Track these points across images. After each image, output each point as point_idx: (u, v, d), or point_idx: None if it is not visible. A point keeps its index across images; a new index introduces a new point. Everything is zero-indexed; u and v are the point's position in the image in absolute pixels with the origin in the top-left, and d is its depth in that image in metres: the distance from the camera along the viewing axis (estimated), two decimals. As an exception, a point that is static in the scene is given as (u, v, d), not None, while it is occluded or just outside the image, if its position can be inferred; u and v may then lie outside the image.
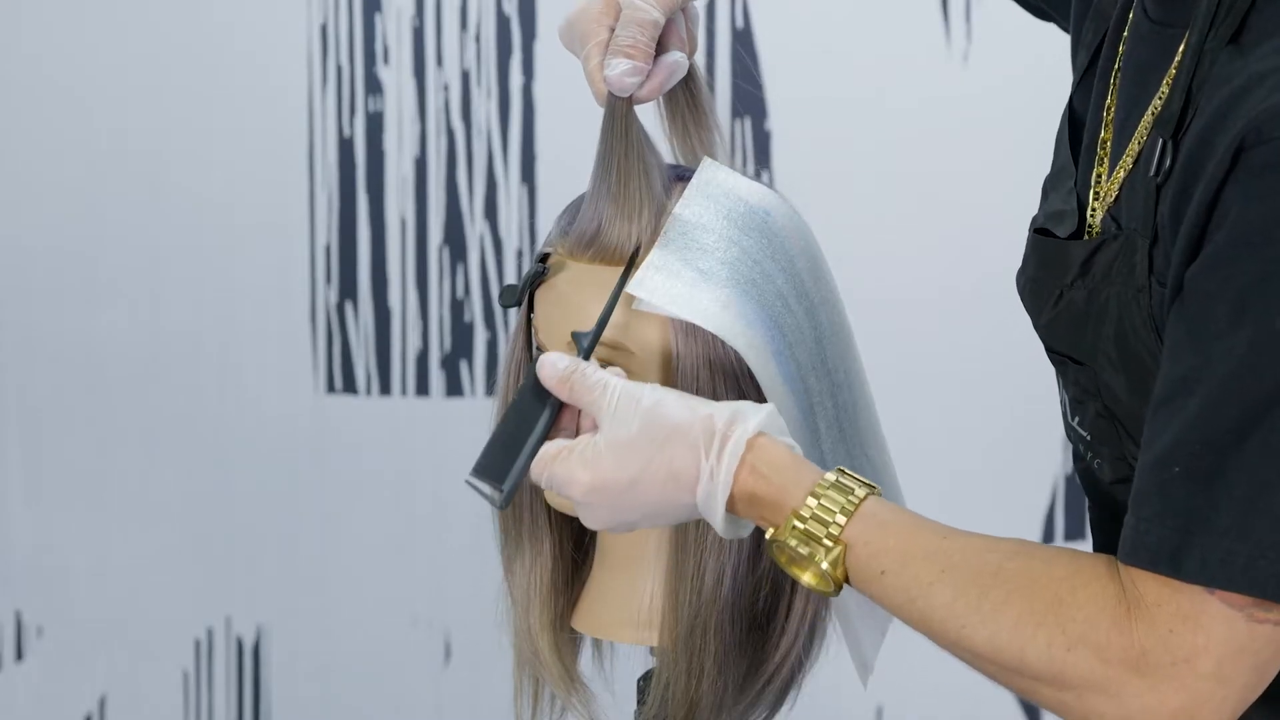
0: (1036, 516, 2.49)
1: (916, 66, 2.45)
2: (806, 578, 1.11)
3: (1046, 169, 1.33)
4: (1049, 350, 1.22)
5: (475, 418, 2.56)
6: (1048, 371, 2.64)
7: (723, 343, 1.21)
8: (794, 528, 1.10)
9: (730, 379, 1.22)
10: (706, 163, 1.26)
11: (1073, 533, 2.50)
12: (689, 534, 1.23)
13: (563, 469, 1.14)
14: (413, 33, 2.54)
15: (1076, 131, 1.27)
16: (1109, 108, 1.22)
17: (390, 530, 2.60)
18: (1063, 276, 1.19)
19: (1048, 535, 2.49)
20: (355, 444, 2.60)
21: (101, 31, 2.56)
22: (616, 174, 1.24)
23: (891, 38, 2.46)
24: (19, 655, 2.68)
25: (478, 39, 2.53)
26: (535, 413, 1.16)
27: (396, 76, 2.54)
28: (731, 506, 1.12)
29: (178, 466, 2.62)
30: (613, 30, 1.22)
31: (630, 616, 1.29)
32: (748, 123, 2.48)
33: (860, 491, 1.10)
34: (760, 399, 1.22)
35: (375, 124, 2.55)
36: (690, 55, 1.26)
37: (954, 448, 2.46)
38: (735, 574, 1.23)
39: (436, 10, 2.53)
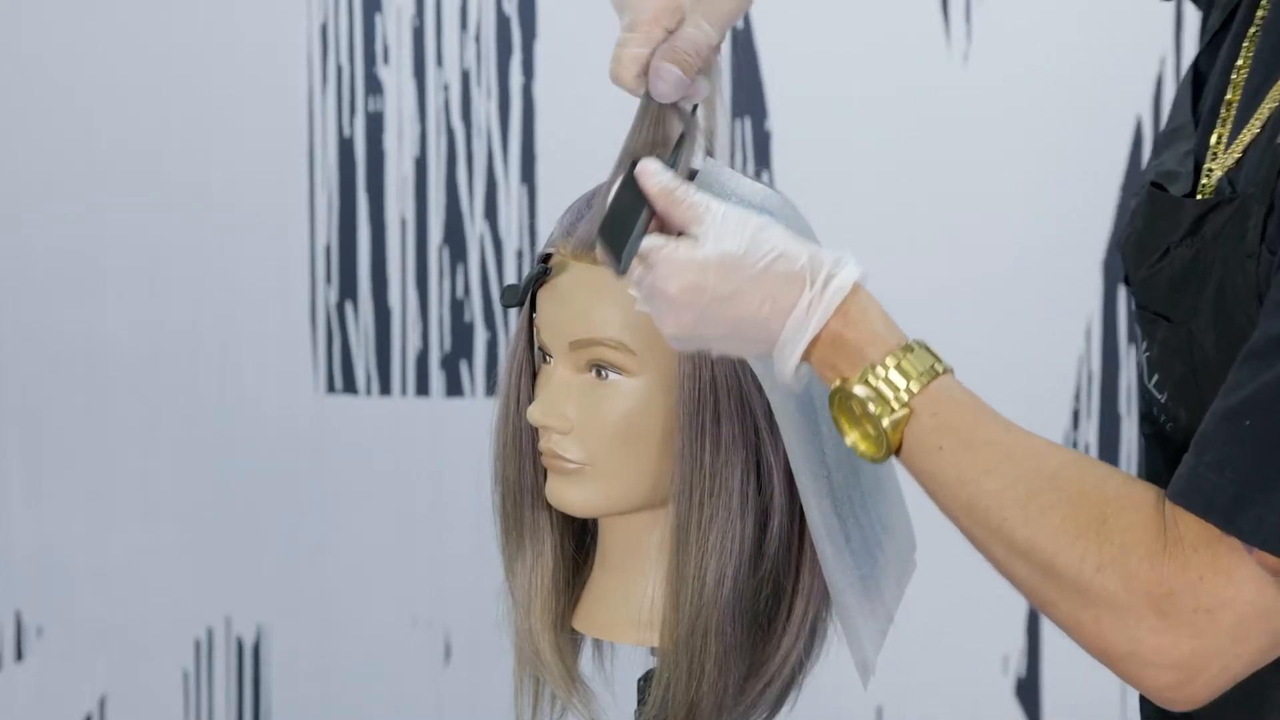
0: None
1: (916, 66, 2.45)
2: (855, 436, 1.11)
3: (1046, 168, 1.33)
4: (1140, 307, 1.22)
5: (475, 418, 2.57)
6: (1048, 370, 2.66)
7: (724, 343, 1.21)
8: (867, 381, 1.10)
9: (732, 381, 1.23)
10: (708, 163, 1.26)
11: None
12: (690, 535, 1.24)
13: (668, 260, 1.11)
14: (413, 33, 2.54)
15: (1198, 91, 1.25)
16: (1240, 69, 1.21)
17: (390, 530, 2.60)
18: (1171, 234, 1.18)
19: (1048, 535, 2.49)
20: (355, 444, 2.60)
21: (102, 31, 2.56)
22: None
23: (891, 38, 2.46)
24: (19, 655, 2.68)
25: (478, 39, 2.53)
26: (638, 206, 1.14)
27: (396, 76, 2.54)
28: (809, 349, 1.11)
29: (178, 466, 2.62)
30: (669, 33, 1.21)
31: (631, 617, 1.29)
32: (748, 123, 2.48)
33: (939, 366, 1.10)
34: (763, 400, 1.22)
35: (375, 124, 2.55)
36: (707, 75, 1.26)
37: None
38: (736, 575, 1.24)
39: (436, 10, 2.53)
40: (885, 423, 1.09)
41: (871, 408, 1.09)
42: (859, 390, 1.10)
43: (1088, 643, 1.07)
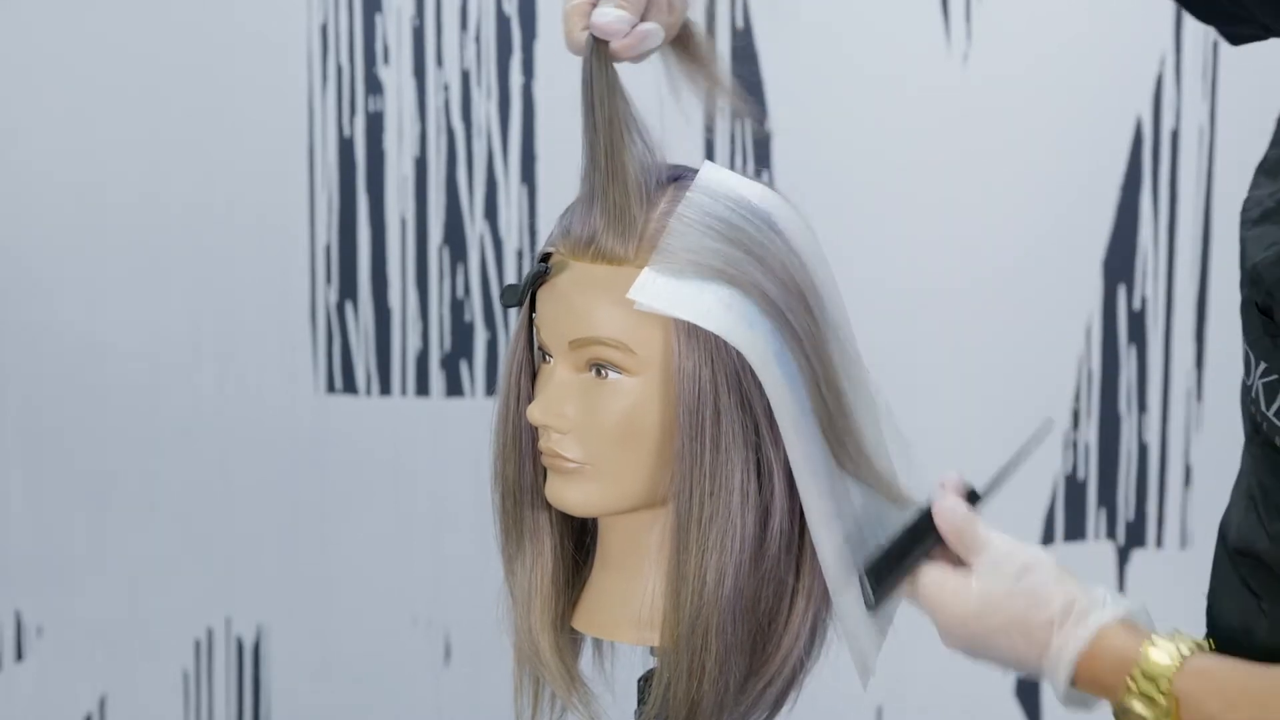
0: (1036, 516, 2.49)
1: (916, 66, 2.45)
2: None
3: (1046, 168, 1.32)
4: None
5: (475, 418, 2.57)
6: (1048, 369, 2.65)
7: (725, 342, 1.21)
8: (1129, 690, 1.18)
9: (732, 379, 1.23)
10: (707, 165, 1.26)
11: (1072, 533, 2.50)
12: (690, 534, 1.23)
13: (935, 594, 1.22)
14: (413, 33, 2.54)
15: None
16: None
17: (390, 530, 2.60)
18: None
19: (1047, 535, 2.49)
20: (355, 444, 2.60)
21: (102, 31, 2.56)
22: (604, 144, 1.25)
23: (891, 38, 2.46)
24: (19, 655, 2.68)
25: (478, 39, 2.53)
26: (923, 539, 1.24)
27: (396, 76, 2.54)
28: (1075, 681, 1.20)
29: (178, 466, 2.62)
30: None
31: (631, 616, 1.29)
32: (748, 123, 2.48)
33: (1184, 647, 1.18)
34: (763, 399, 1.22)
35: (375, 124, 2.55)
36: (675, 27, 1.28)
37: (954, 446, 2.46)
38: (736, 574, 1.24)
39: (436, 10, 2.53)
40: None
41: (1145, 711, 1.18)
42: (1135, 704, 1.18)
43: None
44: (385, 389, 2.59)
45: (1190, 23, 2.41)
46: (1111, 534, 2.50)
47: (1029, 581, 1.21)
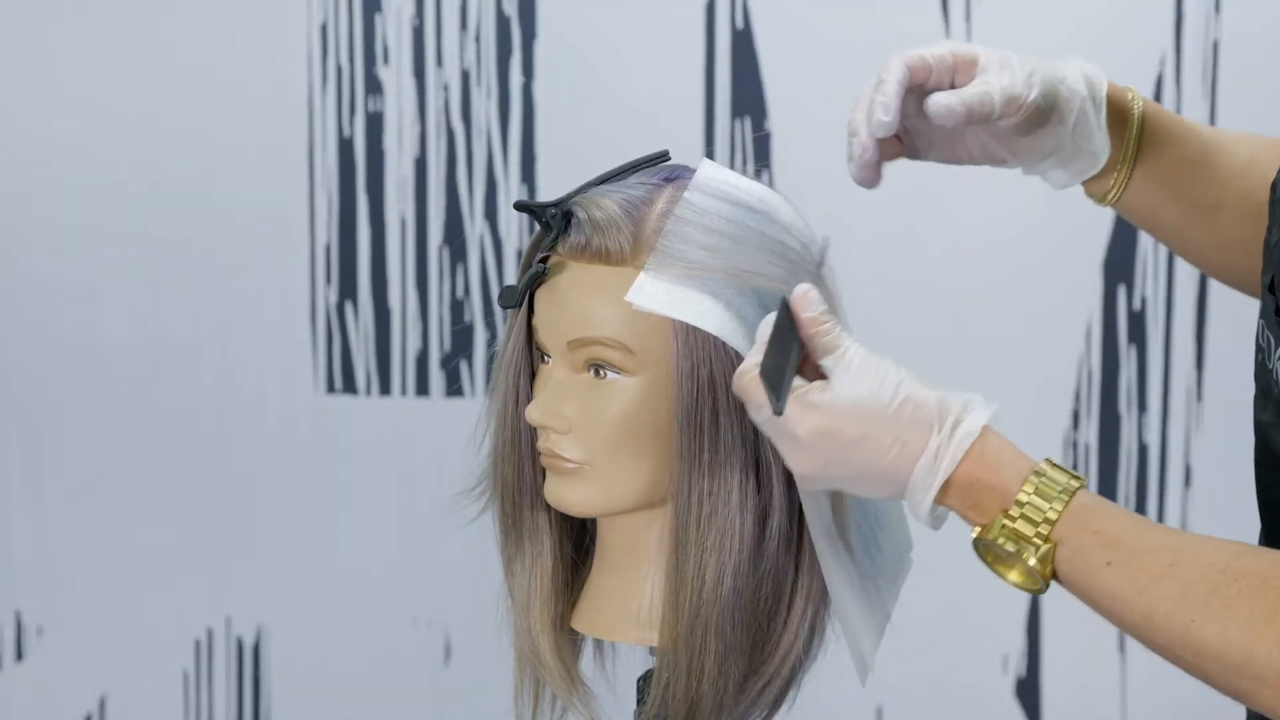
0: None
1: (916, 66, 2.45)
2: (1013, 576, 1.12)
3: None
4: None
5: (475, 418, 2.56)
6: (1048, 370, 2.65)
7: (724, 343, 1.21)
8: (1002, 526, 1.11)
9: (730, 376, 1.23)
10: (706, 164, 1.26)
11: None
12: (689, 534, 1.23)
13: (799, 403, 1.13)
14: (413, 33, 2.54)
15: None
16: None
17: (390, 530, 2.60)
18: None
19: (1048, 535, 2.49)
20: (355, 444, 2.60)
21: (101, 31, 2.56)
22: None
23: (891, 38, 2.46)
24: (19, 655, 2.68)
25: (478, 39, 2.53)
26: (791, 339, 1.16)
27: (396, 76, 2.54)
28: (940, 494, 1.13)
29: (178, 467, 2.62)
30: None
31: (630, 616, 1.29)
32: (748, 123, 2.48)
33: (1074, 482, 1.11)
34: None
35: (375, 124, 2.55)
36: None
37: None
38: (735, 574, 1.23)
39: (436, 10, 2.53)
40: (1031, 562, 1.10)
41: (1011, 549, 1.11)
42: (999, 539, 1.11)
43: None
44: (385, 389, 2.59)
45: (1190, 23, 2.41)
46: (1111, 534, 2.50)
47: (895, 382, 1.14)
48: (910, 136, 1.35)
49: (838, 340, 1.15)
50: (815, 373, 1.16)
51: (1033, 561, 1.10)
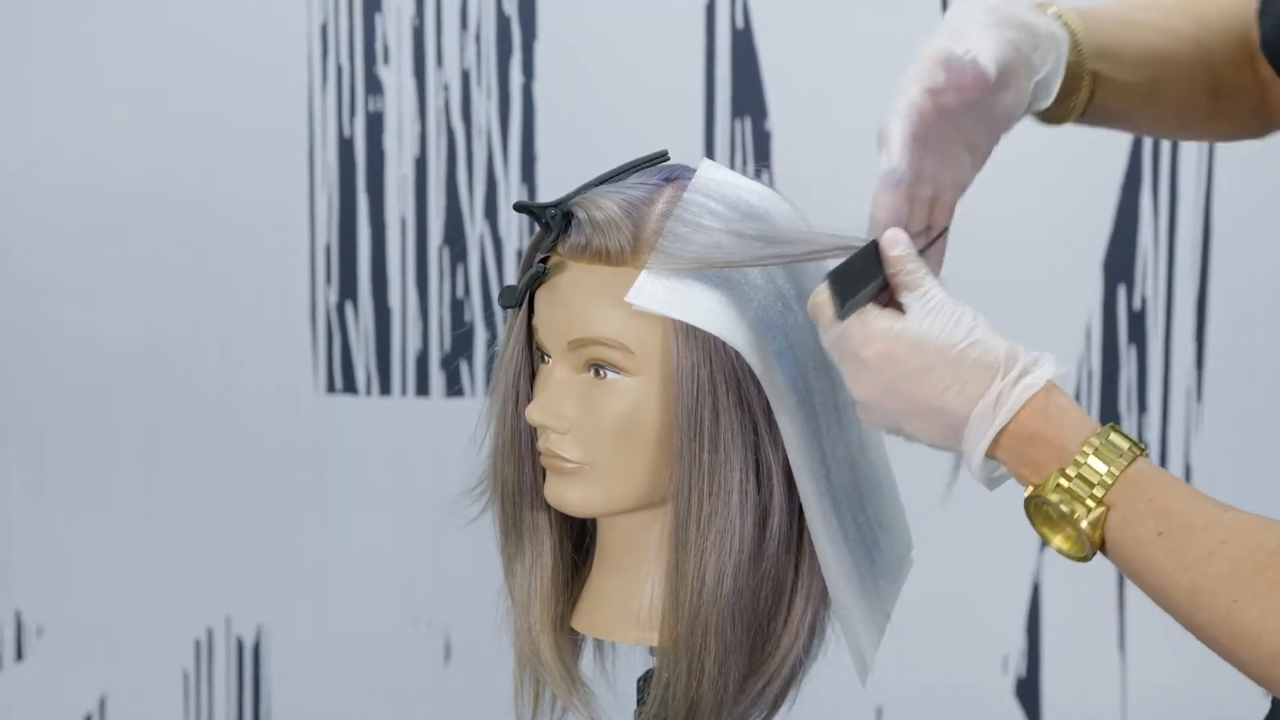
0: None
1: (916, 66, 2.45)
2: (1058, 541, 1.10)
3: (1046, 168, 1.33)
4: None
5: (475, 418, 2.56)
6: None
7: (724, 343, 1.21)
8: (1057, 485, 1.08)
9: (731, 379, 1.23)
10: (706, 163, 1.26)
11: (1073, 533, 2.50)
12: (689, 534, 1.23)
13: (868, 325, 1.12)
14: (413, 33, 2.54)
15: None
16: None
17: (390, 530, 2.60)
18: None
19: (1048, 535, 2.49)
20: (355, 444, 2.60)
21: (101, 31, 2.56)
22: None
23: (891, 37, 2.46)
24: (19, 655, 2.68)
25: (478, 39, 2.53)
26: (874, 271, 1.16)
27: (396, 76, 2.54)
28: (996, 444, 1.11)
29: (178, 466, 2.62)
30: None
31: (630, 616, 1.29)
32: (748, 123, 2.48)
33: (1131, 452, 1.08)
34: (762, 399, 1.22)
35: (375, 124, 2.55)
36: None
37: (954, 448, 2.46)
38: (736, 574, 1.23)
39: (436, 10, 2.53)
40: (1083, 524, 1.08)
41: (1066, 510, 1.08)
42: (1052, 497, 1.08)
43: None
44: (385, 389, 2.59)
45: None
46: (1111, 534, 2.50)
47: (969, 326, 1.14)
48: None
49: (921, 280, 1.16)
50: (895, 309, 1.15)
51: (1084, 524, 1.07)
